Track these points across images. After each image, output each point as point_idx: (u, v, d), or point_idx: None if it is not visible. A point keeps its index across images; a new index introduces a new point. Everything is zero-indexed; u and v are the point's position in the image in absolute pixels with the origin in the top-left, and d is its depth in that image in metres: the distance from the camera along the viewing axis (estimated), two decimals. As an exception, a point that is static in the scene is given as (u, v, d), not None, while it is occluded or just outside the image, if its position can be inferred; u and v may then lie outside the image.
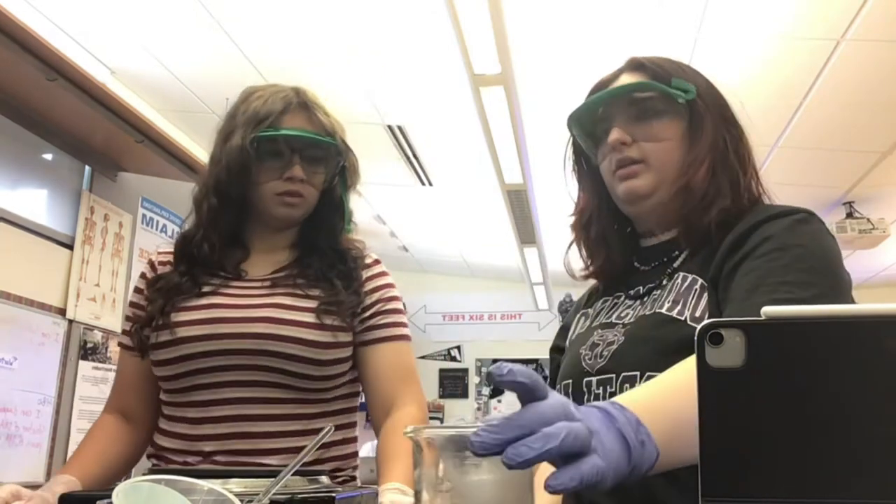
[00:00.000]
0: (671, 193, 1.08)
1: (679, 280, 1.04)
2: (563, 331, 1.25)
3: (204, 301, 1.30)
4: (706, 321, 0.47)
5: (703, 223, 1.05)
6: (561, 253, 1.24)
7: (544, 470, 0.58)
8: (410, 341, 1.40)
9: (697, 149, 1.07)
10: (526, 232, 5.63)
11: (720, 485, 0.45)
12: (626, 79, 1.13)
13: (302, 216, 1.37)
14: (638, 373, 0.99)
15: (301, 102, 1.35)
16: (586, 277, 1.22)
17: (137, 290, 1.41)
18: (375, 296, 1.37)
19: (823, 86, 3.69)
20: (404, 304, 1.44)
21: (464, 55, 3.11)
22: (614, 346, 1.04)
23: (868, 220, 5.10)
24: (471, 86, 3.39)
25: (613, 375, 1.02)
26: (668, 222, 1.12)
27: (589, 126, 1.15)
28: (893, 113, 3.92)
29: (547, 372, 1.28)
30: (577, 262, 1.22)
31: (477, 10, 2.79)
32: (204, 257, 1.34)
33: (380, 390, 1.33)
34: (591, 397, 1.04)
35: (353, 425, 1.39)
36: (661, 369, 0.76)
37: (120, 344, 1.42)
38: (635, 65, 1.13)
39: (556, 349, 1.25)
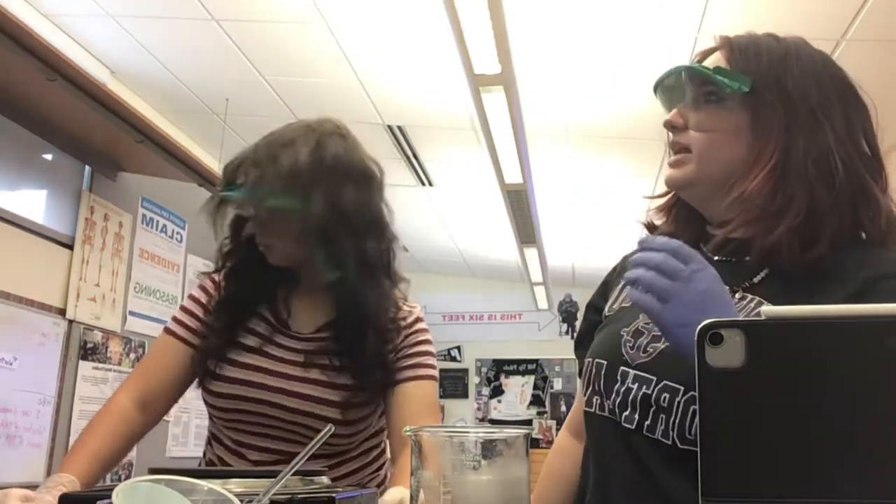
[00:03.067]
0: (722, 196, 0.98)
1: (754, 306, 0.93)
2: (604, 288, 1.17)
3: (251, 360, 1.38)
4: (706, 321, 0.47)
5: (769, 242, 0.94)
6: (561, 253, 1.22)
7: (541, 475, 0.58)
8: (434, 380, 1.43)
9: (757, 149, 0.97)
10: (526, 232, 5.63)
11: (720, 485, 0.45)
12: (712, 59, 1.03)
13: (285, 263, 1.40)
14: (682, 388, 0.91)
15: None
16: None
17: (205, 292, 1.46)
18: (402, 344, 1.41)
19: (823, 86, 3.69)
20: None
21: (464, 55, 3.11)
22: (660, 346, 0.96)
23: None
24: (471, 86, 3.39)
25: (654, 379, 0.94)
26: (729, 223, 1.00)
27: (665, 102, 1.07)
28: (893, 113, 3.92)
29: (546, 372, 1.26)
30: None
31: (477, 10, 2.79)
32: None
33: (397, 427, 1.37)
34: (624, 388, 0.97)
35: (378, 447, 1.48)
36: None
37: (166, 329, 1.44)
38: (722, 43, 1.04)
39: (594, 308, 1.16)
